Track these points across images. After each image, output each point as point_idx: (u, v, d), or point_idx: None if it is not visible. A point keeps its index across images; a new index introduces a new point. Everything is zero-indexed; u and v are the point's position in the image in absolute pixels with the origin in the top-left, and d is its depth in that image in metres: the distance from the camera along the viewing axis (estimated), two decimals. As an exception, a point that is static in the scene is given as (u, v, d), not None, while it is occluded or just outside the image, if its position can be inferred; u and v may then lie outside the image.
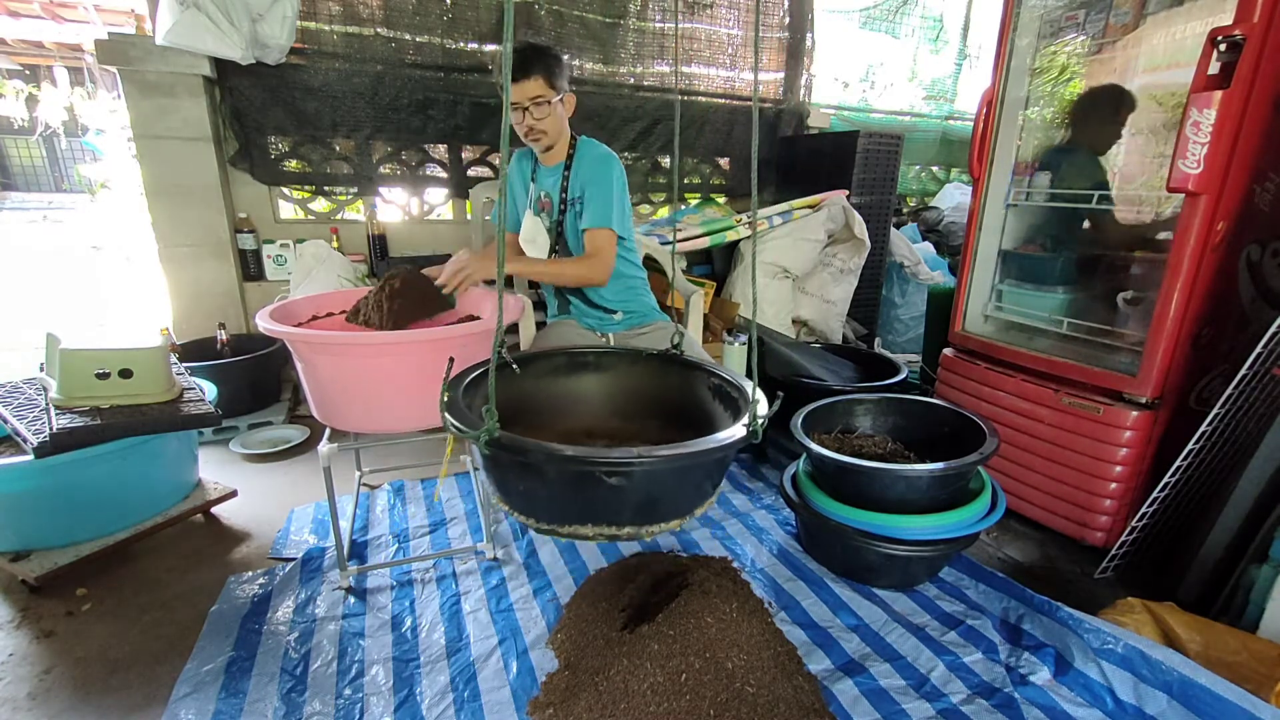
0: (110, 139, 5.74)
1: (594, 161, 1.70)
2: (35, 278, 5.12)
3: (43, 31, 5.76)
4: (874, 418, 1.84)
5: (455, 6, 2.65)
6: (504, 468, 1.00)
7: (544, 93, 1.58)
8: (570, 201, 1.74)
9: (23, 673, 1.29)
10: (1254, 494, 1.39)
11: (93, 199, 7.27)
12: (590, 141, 1.75)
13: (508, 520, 1.86)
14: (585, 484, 0.93)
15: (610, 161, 1.70)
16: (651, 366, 1.39)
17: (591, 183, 1.68)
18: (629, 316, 1.86)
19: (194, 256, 2.49)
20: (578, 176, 1.72)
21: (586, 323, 1.87)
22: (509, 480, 1.01)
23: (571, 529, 0.96)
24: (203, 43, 2.15)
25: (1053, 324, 1.89)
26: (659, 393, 1.36)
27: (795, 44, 3.36)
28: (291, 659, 1.33)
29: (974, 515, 1.48)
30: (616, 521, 0.95)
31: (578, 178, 1.72)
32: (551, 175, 1.76)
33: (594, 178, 1.68)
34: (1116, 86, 1.83)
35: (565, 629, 1.40)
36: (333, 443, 1.43)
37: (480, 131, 2.79)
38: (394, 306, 1.50)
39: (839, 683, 1.27)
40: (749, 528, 1.83)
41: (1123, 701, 1.21)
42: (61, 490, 1.51)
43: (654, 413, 1.35)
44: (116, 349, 1.51)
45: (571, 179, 1.72)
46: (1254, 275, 1.56)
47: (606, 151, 1.72)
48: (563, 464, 0.92)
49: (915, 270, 3.21)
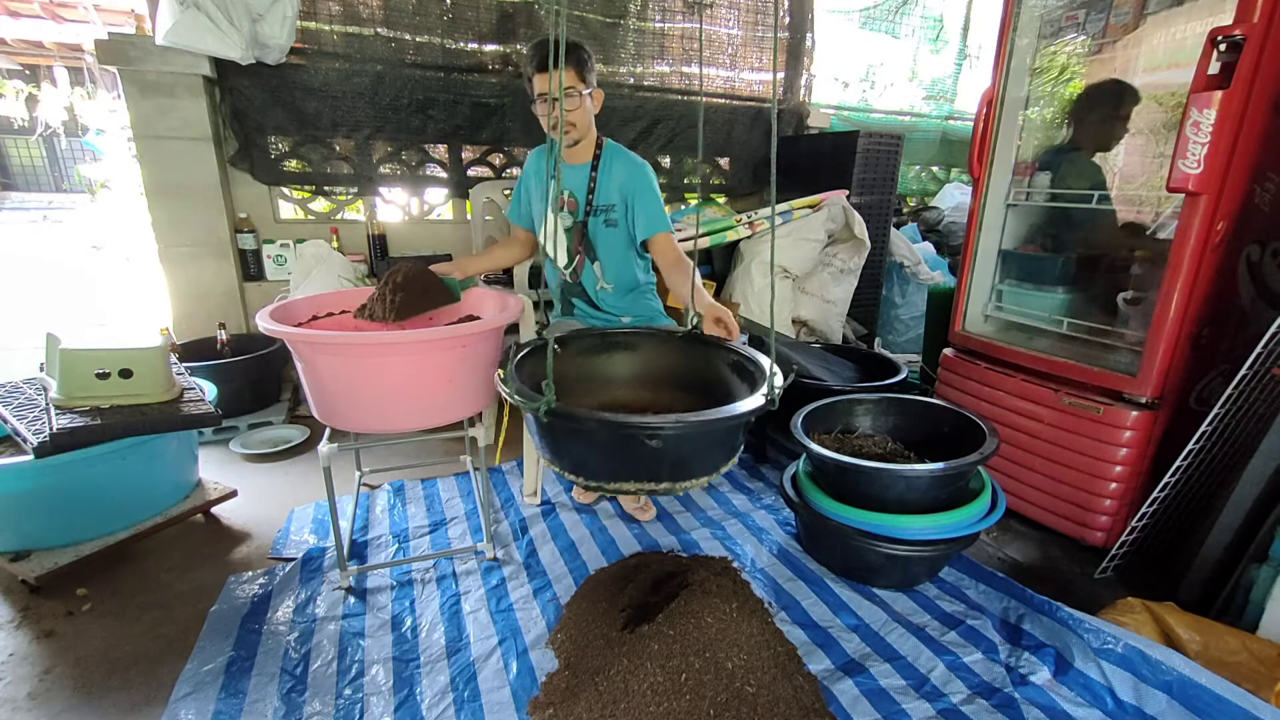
0: (110, 139, 5.74)
1: (631, 173, 1.71)
2: (35, 278, 5.12)
3: (43, 31, 5.77)
4: (874, 418, 1.84)
5: (455, 6, 2.65)
6: (558, 434, 1.11)
7: (575, 84, 1.60)
8: (599, 208, 1.73)
9: (23, 673, 1.29)
10: (1254, 494, 1.39)
11: (93, 199, 7.28)
12: (617, 147, 1.76)
13: (508, 520, 1.86)
14: (629, 446, 1.05)
15: (647, 170, 1.72)
16: (675, 345, 1.48)
17: (637, 194, 1.70)
18: (635, 320, 1.86)
19: (194, 256, 2.49)
20: (609, 182, 1.72)
21: (590, 324, 1.87)
22: (562, 445, 1.13)
23: (617, 485, 1.08)
24: (203, 43, 2.15)
25: (1053, 324, 1.89)
26: (683, 368, 1.46)
27: (795, 44, 3.36)
28: (291, 659, 1.33)
29: (974, 515, 1.48)
30: (655, 478, 1.07)
31: (609, 183, 1.72)
32: (576, 174, 1.74)
33: (638, 189, 1.70)
34: (1118, 81, 1.83)
35: (565, 629, 1.40)
36: (333, 443, 1.43)
37: (480, 131, 2.80)
38: (396, 300, 1.52)
39: (839, 683, 1.27)
40: (749, 528, 1.83)
41: (1123, 701, 1.21)
42: (61, 490, 1.51)
43: (679, 385, 1.45)
44: (116, 349, 1.51)
45: (600, 183, 1.72)
46: (1254, 275, 1.56)
47: (639, 159, 1.74)
48: (611, 429, 1.04)
49: (915, 270, 3.21)
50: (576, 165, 1.75)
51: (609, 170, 1.72)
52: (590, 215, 1.74)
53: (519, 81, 2.79)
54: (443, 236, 2.92)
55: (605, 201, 1.73)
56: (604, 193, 1.72)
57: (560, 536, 1.77)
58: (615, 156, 1.74)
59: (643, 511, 1.88)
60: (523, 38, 2.77)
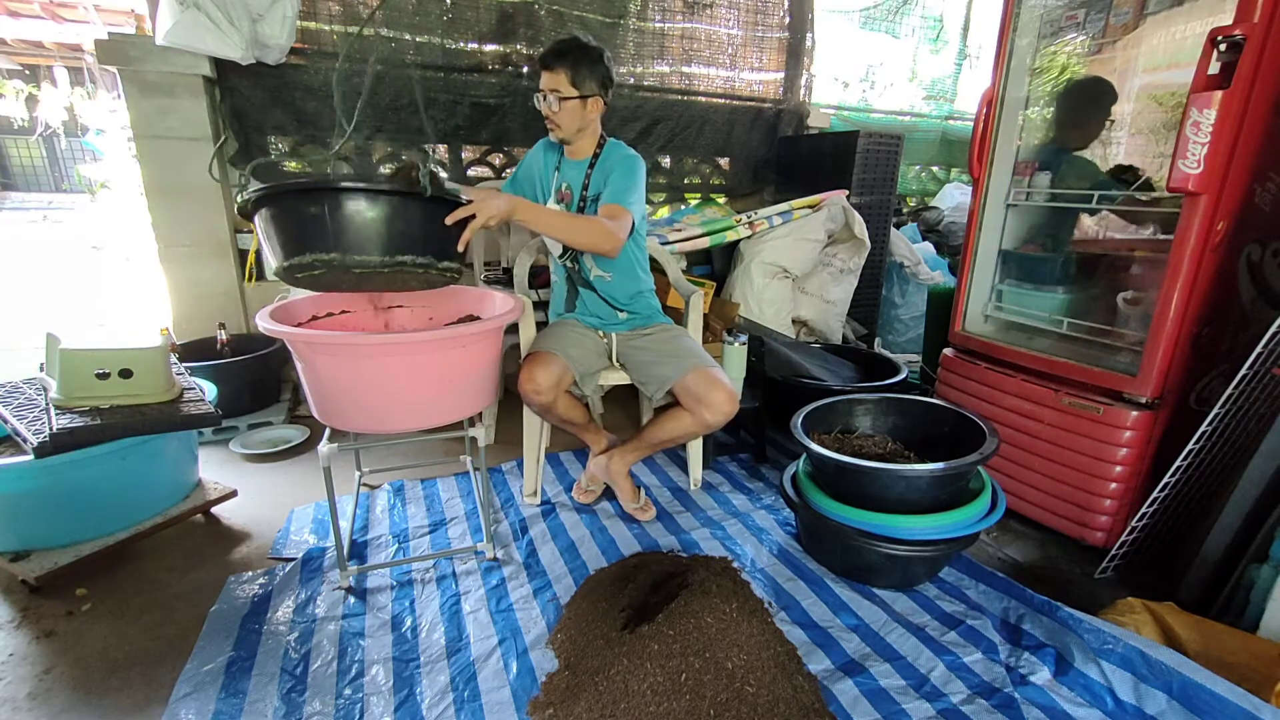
0: (110, 139, 5.73)
1: (620, 159, 1.75)
2: (35, 278, 5.12)
3: (43, 31, 5.77)
4: (874, 418, 1.84)
5: (455, 6, 2.65)
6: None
7: (563, 88, 1.64)
8: (590, 199, 1.76)
9: (23, 673, 1.29)
10: (1254, 494, 1.39)
11: (93, 199, 7.27)
12: (619, 144, 1.80)
13: (508, 520, 1.86)
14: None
15: (635, 159, 1.75)
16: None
17: (614, 172, 1.72)
18: (633, 318, 1.87)
19: (194, 256, 2.49)
20: (601, 174, 1.75)
21: (590, 321, 1.87)
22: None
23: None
24: (203, 43, 2.15)
25: (1053, 324, 1.89)
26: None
27: (795, 44, 3.35)
28: (291, 659, 1.33)
29: (974, 515, 1.48)
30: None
31: (601, 175, 1.75)
32: (574, 169, 1.80)
33: (617, 169, 1.72)
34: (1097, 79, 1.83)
35: (565, 629, 1.40)
36: (333, 443, 1.43)
37: (480, 131, 2.79)
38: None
39: (839, 683, 1.27)
40: (749, 528, 1.83)
41: (1123, 701, 1.21)
42: (61, 490, 1.51)
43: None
44: (116, 349, 1.51)
45: (594, 176, 1.76)
46: (1254, 275, 1.56)
47: (633, 152, 1.77)
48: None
49: (915, 270, 3.21)
50: (576, 161, 1.80)
51: (604, 166, 1.75)
52: (584, 207, 1.77)
53: (519, 81, 2.79)
54: (443, 236, 2.92)
55: (596, 192, 1.76)
56: (596, 184, 1.76)
57: (560, 536, 1.77)
58: (613, 152, 1.77)
59: (643, 511, 1.88)
60: (522, 38, 2.77)
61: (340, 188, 1.19)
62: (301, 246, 1.20)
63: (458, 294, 1.74)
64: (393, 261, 1.23)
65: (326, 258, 1.20)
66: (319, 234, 1.19)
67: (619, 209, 1.65)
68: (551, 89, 1.65)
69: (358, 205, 1.19)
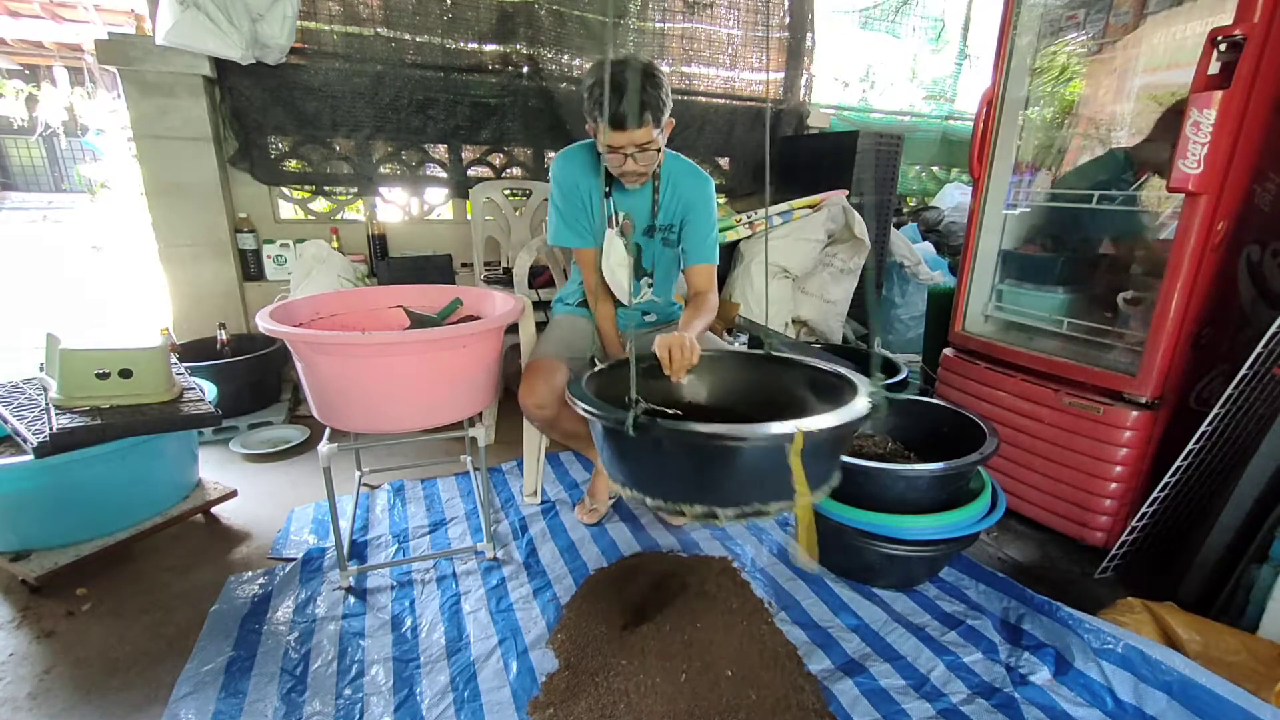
0: (110, 139, 5.73)
1: (693, 185, 1.55)
2: (35, 278, 5.12)
3: (43, 31, 5.76)
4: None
5: (455, 6, 2.65)
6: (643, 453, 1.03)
7: (653, 139, 1.40)
8: (659, 228, 1.59)
9: (23, 673, 1.29)
10: (1254, 494, 1.40)
11: (93, 199, 7.27)
12: (676, 156, 1.60)
13: (508, 520, 1.86)
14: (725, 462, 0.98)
15: (708, 185, 1.57)
16: (747, 362, 1.41)
17: (693, 208, 1.54)
18: (656, 319, 1.83)
19: (194, 256, 2.49)
20: (674, 201, 1.56)
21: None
22: (648, 465, 1.04)
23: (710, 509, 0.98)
24: (203, 43, 2.15)
25: (1053, 324, 1.89)
26: (751, 388, 1.38)
27: (795, 44, 3.35)
28: (291, 659, 1.33)
29: (974, 515, 1.48)
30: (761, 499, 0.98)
31: (674, 202, 1.57)
32: (633, 196, 1.57)
33: (695, 203, 1.54)
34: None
35: (565, 629, 1.40)
36: (333, 443, 1.43)
37: (480, 131, 2.79)
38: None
39: (839, 683, 1.27)
40: (749, 528, 1.83)
41: (1123, 701, 1.21)
42: (61, 490, 1.51)
43: (752, 405, 1.35)
44: (116, 349, 1.51)
45: (663, 203, 1.56)
46: (1254, 275, 1.56)
47: (703, 172, 1.59)
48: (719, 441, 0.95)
49: (915, 270, 3.21)
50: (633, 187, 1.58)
51: (673, 187, 1.56)
52: (649, 236, 1.61)
53: (519, 81, 2.79)
54: (443, 237, 2.92)
55: (667, 221, 1.59)
56: (667, 213, 1.57)
57: (560, 536, 1.77)
58: (676, 168, 1.57)
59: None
60: (522, 37, 2.76)
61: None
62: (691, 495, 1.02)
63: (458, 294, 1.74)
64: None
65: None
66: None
67: (710, 271, 1.53)
68: (640, 145, 1.39)
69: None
